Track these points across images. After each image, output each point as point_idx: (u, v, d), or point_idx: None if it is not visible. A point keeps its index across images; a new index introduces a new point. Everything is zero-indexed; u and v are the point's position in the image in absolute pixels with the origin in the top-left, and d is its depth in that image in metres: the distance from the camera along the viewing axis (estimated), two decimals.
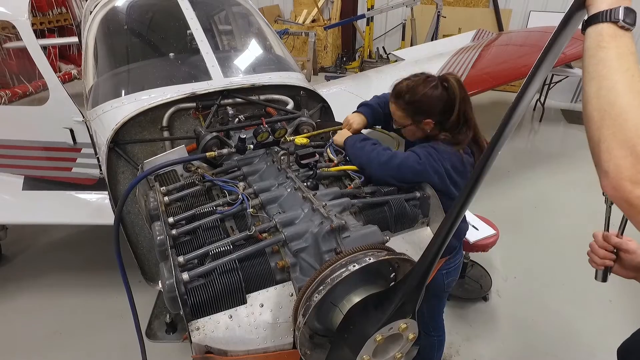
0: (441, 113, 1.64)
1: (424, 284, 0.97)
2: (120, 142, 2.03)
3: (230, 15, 3.50)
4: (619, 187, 0.69)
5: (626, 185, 0.68)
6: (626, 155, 0.68)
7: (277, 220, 1.31)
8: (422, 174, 1.54)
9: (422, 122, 1.66)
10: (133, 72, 2.58)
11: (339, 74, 8.69)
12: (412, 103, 1.63)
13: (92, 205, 2.88)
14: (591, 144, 0.74)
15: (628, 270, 1.20)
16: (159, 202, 1.47)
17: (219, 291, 1.15)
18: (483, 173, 0.81)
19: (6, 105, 4.05)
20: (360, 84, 4.45)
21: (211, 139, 1.77)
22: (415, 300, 1.00)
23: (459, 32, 7.49)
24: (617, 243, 1.19)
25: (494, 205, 3.94)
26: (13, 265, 3.51)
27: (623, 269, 1.20)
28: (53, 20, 6.66)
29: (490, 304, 3.13)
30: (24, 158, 2.94)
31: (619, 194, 0.70)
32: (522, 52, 4.96)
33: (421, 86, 1.62)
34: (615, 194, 0.71)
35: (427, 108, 1.63)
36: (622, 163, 0.68)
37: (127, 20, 2.86)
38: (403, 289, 0.96)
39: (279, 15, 9.57)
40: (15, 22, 2.64)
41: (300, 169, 1.61)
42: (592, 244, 1.23)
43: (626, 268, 1.20)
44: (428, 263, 0.92)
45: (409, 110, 1.65)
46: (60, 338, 2.85)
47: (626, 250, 1.18)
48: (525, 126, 6.60)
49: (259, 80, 2.25)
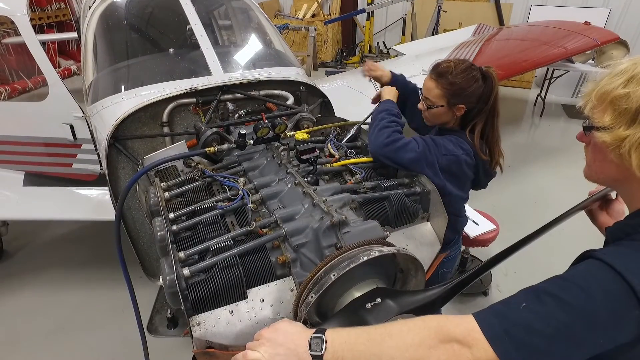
0: (475, 103, 1.64)
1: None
2: (121, 137, 2.03)
3: (229, 10, 3.49)
4: None
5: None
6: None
7: (278, 216, 1.31)
8: (416, 162, 1.55)
9: (455, 106, 1.65)
10: (132, 67, 2.57)
11: (339, 69, 8.67)
12: (454, 84, 1.62)
13: (92, 201, 2.89)
14: None
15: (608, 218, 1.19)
16: (159, 198, 1.47)
17: (219, 286, 1.16)
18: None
19: (6, 101, 4.04)
20: (360, 79, 4.43)
21: (211, 134, 1.77)
22: (438, 307, 1.02)
23: (459, 26, 7.46)
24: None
25: (494, 200, 3.94)
26: (15, 260, 3.52)
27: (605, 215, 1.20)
28: (52, 16, 6.64)
29: (490, 298, 3.13)
30: (24, 154, 2.94)
31: None
32: (523, 46, 4.94)
33: (467, 71, 1.63)
34: None
35: (467, 93, 1.62)
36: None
37: (127, 15, 2.85)
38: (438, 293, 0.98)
39: (279, 10, 9.53)
40: (14, 18, 2.62)
41: (301, 165, 1.61)
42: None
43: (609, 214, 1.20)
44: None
45: (448, 90, 1.63)
46: (63, 333, 2.87)
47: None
48: (526, 121, 6.59)
49: (259, 76, 2.25)
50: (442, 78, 1.64)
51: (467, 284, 1.00)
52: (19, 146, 2.91)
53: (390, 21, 9.22)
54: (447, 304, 1.02)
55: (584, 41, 4.89)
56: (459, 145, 1.63)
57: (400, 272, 1.15)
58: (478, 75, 1.63)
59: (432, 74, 1.68)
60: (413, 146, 1.55)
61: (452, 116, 1.69)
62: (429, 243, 1.53)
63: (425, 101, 1.70)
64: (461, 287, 0.99)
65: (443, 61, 1.69)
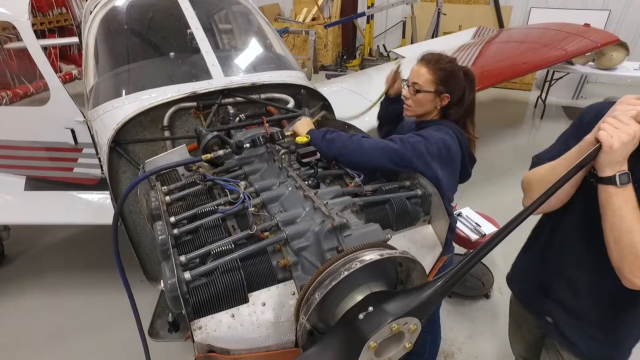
0: (458, 95, 1.73)
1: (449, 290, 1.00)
2: (121, 141, 2.03)
3: (230, 14, 3.50)
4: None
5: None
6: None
7: (279, 219, 1.31)
8: (405, 157, 1.55)
9: (441, 95, 1.72)
10: (133, 71, 2.58)
11: (339, 72, 8.69)
12: (445, 71, 1.70)
13: (93, 205, 2.89)
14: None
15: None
16: (160, 202, 1.47)
17: (220, 290, 1.15)
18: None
19: (7, 106, 4.05)
20: (360, 82, 4.45)
21: (212, 138, 1.77)
22: (435, 304, 1.01)
23: (459, 29, 7.48)
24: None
25: (495, 203, 3.94)
26: (16, 265, 3.53)
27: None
28: (53, 21, 6.68)
29: (492, 301, 3.13)
30: (25, 159, 2.95)
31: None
32: (522, 49, 4.95)
33: (453, 62, 1.73)
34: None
35: (454, 84, 1.71)
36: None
37: (127, 20, 2.86)
38: (437, 289, 0.98)
39: (279, 13, 9.57)
40: (15, 23, 2.64)
41: (302, 168, 1.61)
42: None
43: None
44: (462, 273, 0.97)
45: (439, 76, 1.70)
46: (63, 337, 2.86)
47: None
48: (527, 123, 6.59)
49: (260, 79, 2.25)
50: (434, 64, 1.72)
51: (461, 278, 0.99)
52: (21, 150, 2.92)
53: (390, 24, 9.25)
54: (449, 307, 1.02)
55: (583, 43, 4.89)
56: (443, 132, 1.67)
57: (400, 266, 1.14)
58: (460, 70, 1.74)
59: (422, 61, 1.76)
60: (394, 143, 1.57)
61: (434, 106, 1.76)
62: (430, 246, 1.52)
63: (414, 86, 1.75)
64: (456, 282, 0.98)
65: (431, 52, 1.78)
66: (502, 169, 4.86)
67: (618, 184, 1.10)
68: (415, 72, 1.76)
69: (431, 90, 1.72)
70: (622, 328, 1.42)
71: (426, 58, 1.75)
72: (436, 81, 1.70)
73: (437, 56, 1.74)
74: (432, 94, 1.72)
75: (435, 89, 1.71)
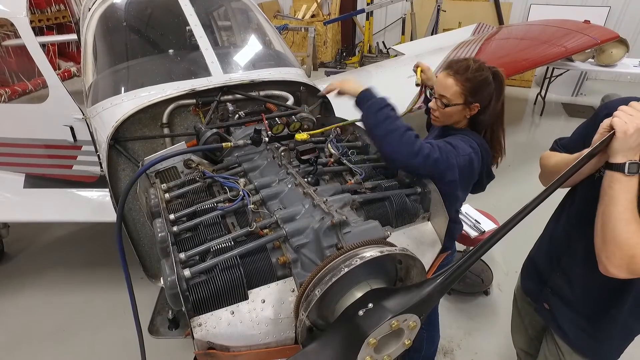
0: (487, 102, 1.63)
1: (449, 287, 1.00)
2: (121, 139, 2.03)
3: (229, 11, 3.49)
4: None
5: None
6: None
7: (278, 216, 1.31)
8: (438, 165, 1.47)
9: (471, 105, 1.62)
10: (132, 69, 2.57)
11: (339, 69, 8.67)
12: (473, 81, 1.58)
13: (93, 203, 2.89)
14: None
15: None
16: (159, 199, 1.47)
17: (220, 287, 1.16)
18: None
19: (6, 103, 4.05)
20: (360, 79, 4.43)
21: (211, 135, 1.77)
22: (435, 301, 1.01)
23: (459, 26, 7.47)
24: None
25: (495, 200, 3.94)
26: (15, 262, 3.53)
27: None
28: (52, 18, 6.65)
29: (492, 298, 3.13)
30: (24, 156, 2.95)
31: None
32: (522, 45, 4.94)
33: (486, 70, 1.61)
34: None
35: (483, 92, 1.61)
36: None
37: (126, 16, 2.85)
38: (436, 286, 0.97)
39: (278, 10, 9.54)
40: (13, 20, 2.62)
41: (301, 165, 1.60)
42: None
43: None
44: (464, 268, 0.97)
45: (467, 88, 1.59)
46: (63, 334, 2.87)
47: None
48: (526, 120, 6.59)
49: (259, 76, 2.25)
50: (461, 75, 1.60)
51: (460, 276, 1.00)
52: (19, 148, 2.91)
53: (389, 21, 9.22)
54: (448, 304, 1.02)
55: (583, 40, 4.89)
56: (469, 145, 1.61)
57: (399, 263, 1.15)
58: (489, 74, 1.62)
59: (449, 71, 1.63)
60: (434, 151, 1.47)
61: (464, 116, 1.67)
62: (429, 243, 1.53)
63: (441, 99, 1.65)
64: (455, 279, 0.99)
65: (460, 59, 1.66)
66: (502, 166, 4.79)
67: (626, 171, 1.11)
68: (442, 84, 1.63)
69: (460, 103, 1.62)
70: (609, 323, 1.44)
71: (453, 67, 1.62)
72: (464, 92, 1.60)
73: (464, 64, 1.61)
74: (461, 106, 1.63)
75: (464, 100, 1.61)
